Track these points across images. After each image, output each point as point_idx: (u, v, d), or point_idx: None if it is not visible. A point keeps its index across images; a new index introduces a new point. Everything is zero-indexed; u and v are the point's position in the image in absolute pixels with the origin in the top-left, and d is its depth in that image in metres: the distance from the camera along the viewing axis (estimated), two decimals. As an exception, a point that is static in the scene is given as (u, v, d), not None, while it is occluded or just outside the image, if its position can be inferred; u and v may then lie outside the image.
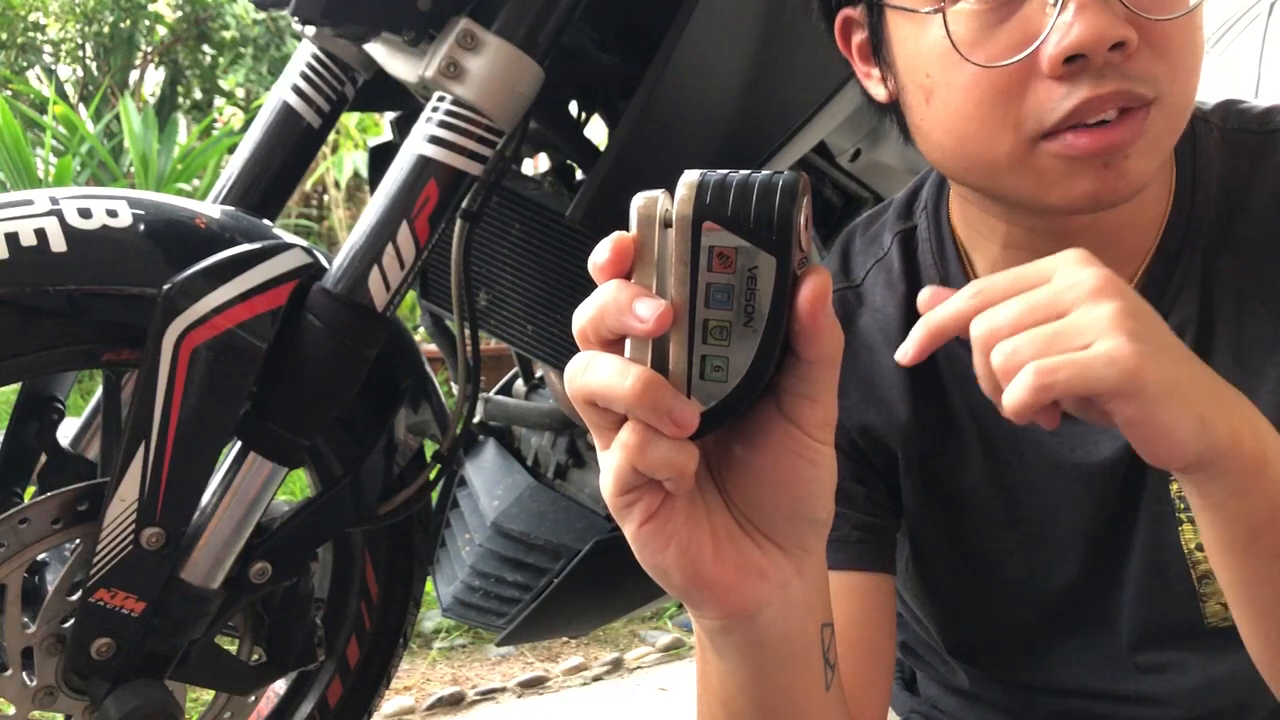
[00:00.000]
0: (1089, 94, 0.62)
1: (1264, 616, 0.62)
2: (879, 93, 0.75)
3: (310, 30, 1.13)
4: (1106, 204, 0.66)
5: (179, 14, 6.45)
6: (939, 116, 0.69)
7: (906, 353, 0.59)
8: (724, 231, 0.43)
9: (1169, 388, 0.52)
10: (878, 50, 0.73)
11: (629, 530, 0.49)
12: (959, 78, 0.66)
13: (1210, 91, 0.74)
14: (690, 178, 0.44)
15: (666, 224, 0.45)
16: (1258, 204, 0.73)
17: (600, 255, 0.45)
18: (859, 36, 0.74)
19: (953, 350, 0.77)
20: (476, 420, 1.56)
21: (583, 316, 0.46)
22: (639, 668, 2.14)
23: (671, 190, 0.45)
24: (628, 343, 0.46)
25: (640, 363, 0.45)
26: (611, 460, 0.46)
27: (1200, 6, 0.64)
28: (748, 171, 0.44)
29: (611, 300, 0.45)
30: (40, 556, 1.01)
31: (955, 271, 0.80)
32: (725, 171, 0.44)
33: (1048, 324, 0.54)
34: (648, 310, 0.43)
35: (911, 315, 0.81)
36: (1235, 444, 0.54)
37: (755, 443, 0.49)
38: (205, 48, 6.51)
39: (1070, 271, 0.55)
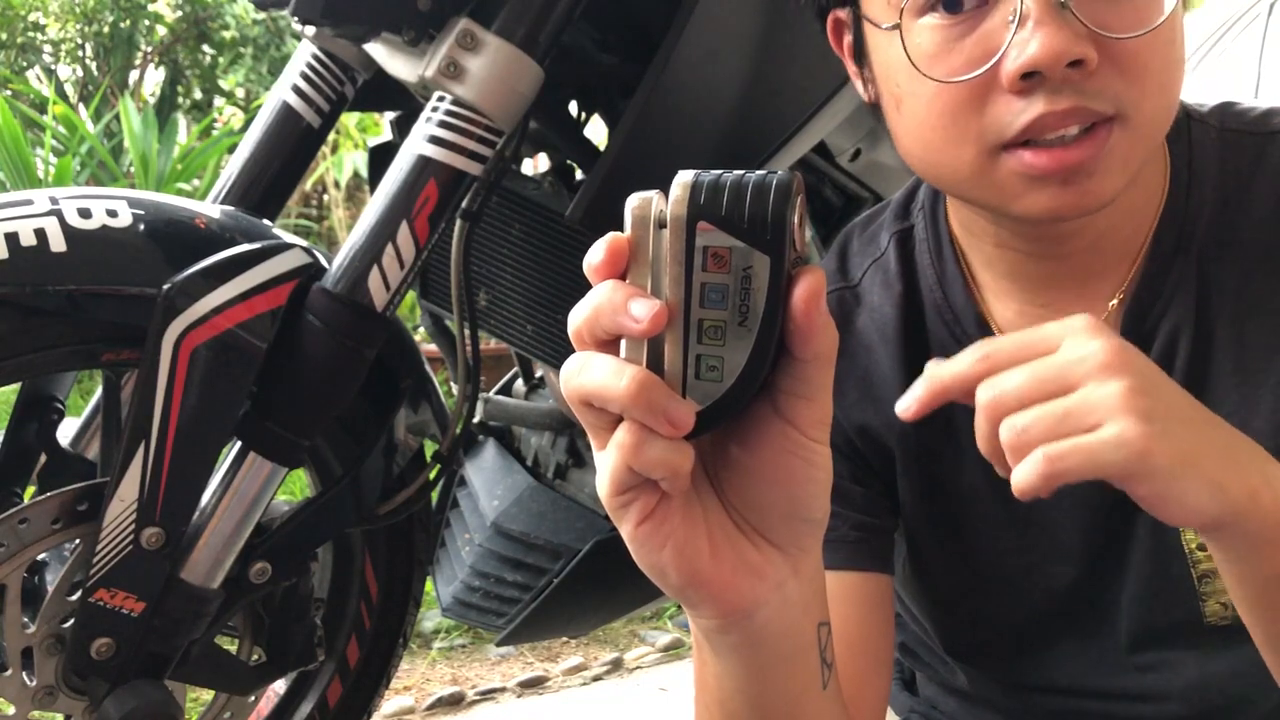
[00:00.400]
0: (1044, 110, 0.62)
1: None
2: (865, 94, 0.75)
3: (310, 30, 1.13)
4: (1069, 218, 0.66)
5: (179, 14, 6.45)
6: (908, 125, 0.70)
7: (908, 408, 0.59)
8: (718, 231, 0.43)
9: (1181, 463, 0.52)
10: (861, 54, 0.74)
11: (625, 530, 0.49)
12: (923, 89, 0.66)
13: (1210, 91, 0.74)
14: (684, 178, 0.44)
15: (661, 224, 0.44)
16: (1257, 205, 0.73)
17: (595, 256, 0.45)
18: (848, 38, 0.75)
19: (950, 351, 0.77)
20: (476, 420, 1.56)
21: (578, 317, 0.46)
22: (639, 668, 2.14)
23: (666, 190, 0.45)
24: (623, 343, 0.46)
25: (635, 363, 0.45)
26: (607, 460, 0.46)
27: (1173, 22, 0.64)
28: (742, 171, 0.44)
29: (606, 301, 0.45)
30: (40, 556, 1.01)
31: (952, 271, 0.80)
32: (719, 171, 0.44)
33: (1056, 400, 0.53)
34: (642, 310, 0.44)
35: (909, 315, 0.82)
36: (1253, 503, 0.54)
37: (751, 442, 0.49)
38: (205, 48, 6.52)
39: (1079, 343, 0.54)
